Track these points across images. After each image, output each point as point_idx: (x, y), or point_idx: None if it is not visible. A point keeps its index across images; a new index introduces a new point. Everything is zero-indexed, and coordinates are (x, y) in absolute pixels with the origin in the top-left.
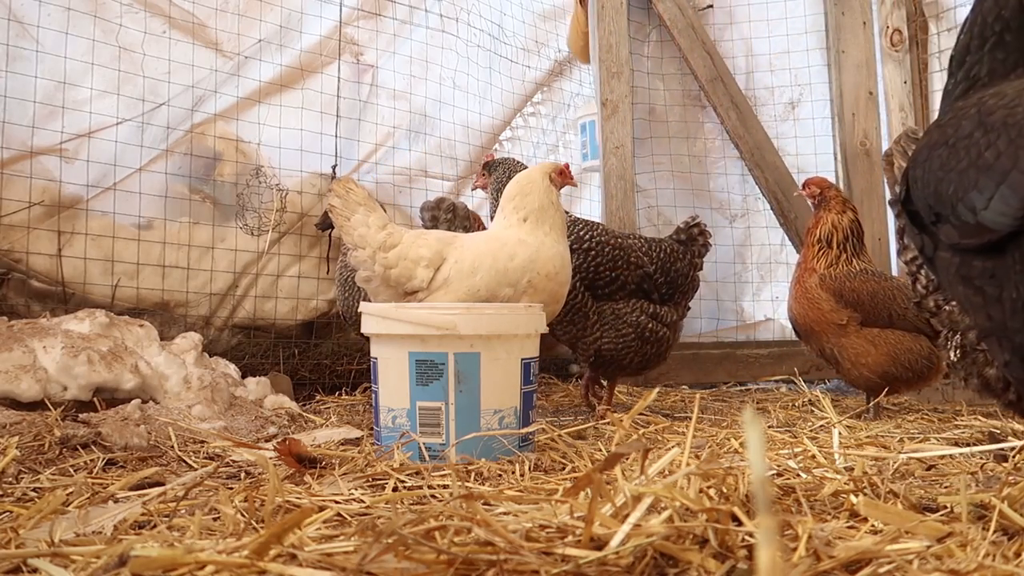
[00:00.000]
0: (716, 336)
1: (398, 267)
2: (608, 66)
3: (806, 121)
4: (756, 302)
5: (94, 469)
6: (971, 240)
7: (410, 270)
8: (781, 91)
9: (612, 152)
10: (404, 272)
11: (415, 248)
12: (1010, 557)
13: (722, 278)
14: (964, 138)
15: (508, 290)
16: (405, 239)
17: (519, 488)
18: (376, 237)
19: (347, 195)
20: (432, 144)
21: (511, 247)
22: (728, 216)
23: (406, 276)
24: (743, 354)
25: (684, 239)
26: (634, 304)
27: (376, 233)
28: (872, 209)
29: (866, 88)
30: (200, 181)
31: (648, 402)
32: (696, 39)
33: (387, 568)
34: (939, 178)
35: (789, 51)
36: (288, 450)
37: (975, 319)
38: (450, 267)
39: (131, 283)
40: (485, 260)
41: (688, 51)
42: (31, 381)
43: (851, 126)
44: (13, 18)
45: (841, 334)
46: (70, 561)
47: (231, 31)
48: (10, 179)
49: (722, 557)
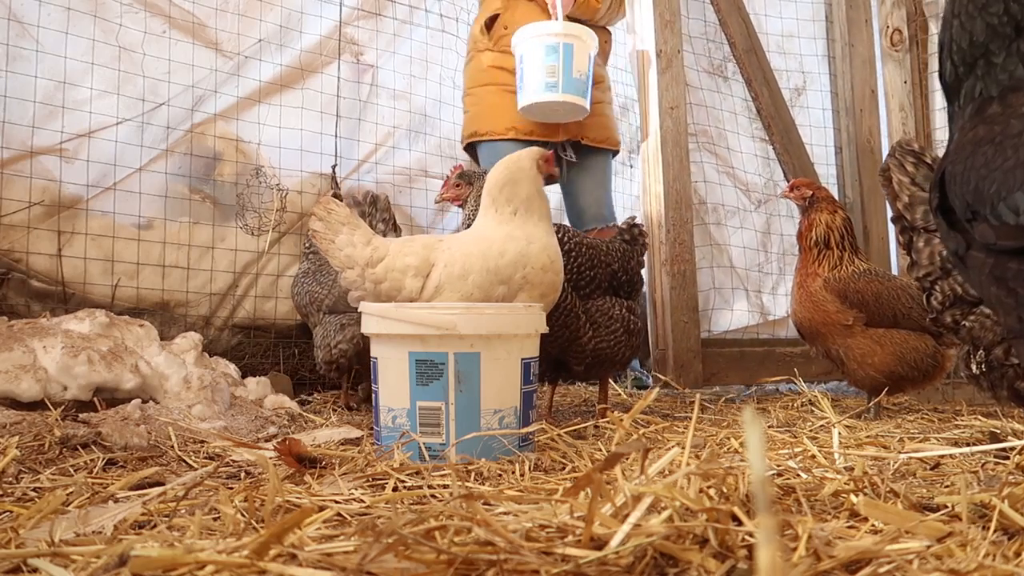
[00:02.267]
0: (747, 332)
1: (387, 280)
2: (661, 12)
3: (807, 110)
4: (774, 296)
5: (94, 469)
6: (1009, 242)
7: (399, 281)
8: (789, 75)
9: (667, 113)
10: (393, 285)
11: (401, 258)
12: (1010, 557)
13: (750, 266)
14: (1013, 136)
15: (502, 288)
16: (391, 250)
17: (519, 488)
18: (362, 254)
19: (328, 216)
20: (432, 144)
21: (500, 244)
22: (754, 200)
23: (396, 288)
24: (780, 352)
25: (628, 239)
26: (612, 300)
27: (362, 250)
28: (877, 207)
29: (869, 86)
30: (200, 181)
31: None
32: (734, 4)
33: (387, 568)
34: (982, 175)
35: (797, 35)
36: (288, 450)
37: (1006, 320)
38: (440, 272)
39: (131, 283)
40: (475, 261)
41: (727, 15)
42: (31, 381)
43: (860, 123)
44: (13, 18)
45: (847, 335)
46: (70, 561)
47: (231, 31)
48: (10, 179)
49: (722, 557)
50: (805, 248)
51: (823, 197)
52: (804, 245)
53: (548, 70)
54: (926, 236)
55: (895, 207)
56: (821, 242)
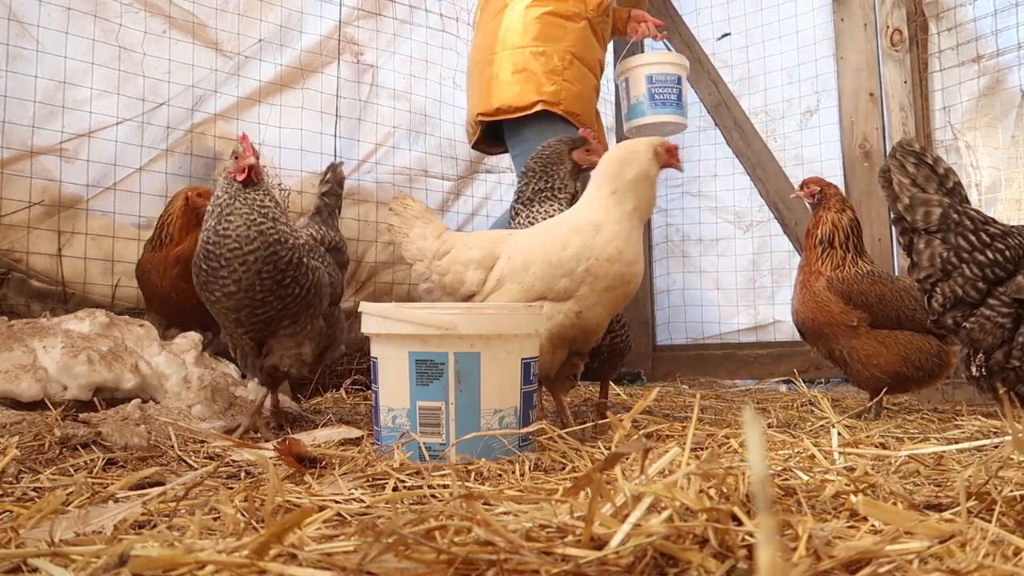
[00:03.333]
0: (743, 335)
1: (450, 273)
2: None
3: (818, 128)
4: (773, 304)
5: (94, 469)
6: None
7: (461, 274)
8: (799, 101)
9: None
10: (456, 277)
11: (464, 251)
12: (1010, 557)
13: (741, 282)
14: None
15: (564, 281)
16: (457, 243)
17: (519, 488)
18: (431, 247)
19: (404, 211)
20: (432, 144)
21: (564, 237)
22: (742, 226)
23: (459, 281)
24: (742, 354)
25: None
26: None
27: (431, 243)
28: (872, 211)
29: (867, 90)
30: (200, 181)
31: (648, 402)
32: (703, 71)
33: (387, 568)
34: None
35: (799, 63)
36: (288, 450)
37: None
38: (503, 265)
39: (131, 283)
40: (537, 254)
41: (695, 83)
42: (31, 381)
43: (850, 131)
44: (13, 18)
45: (852, 336)
46: (70, 561)
47: (231, 31)
48: (10, 179)
49: (722, 557)
50: (809, 246)
51: (831, 194)
52: (808, 243)
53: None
54: (927, 238)
55: (895, 209)
56: (826, 240)
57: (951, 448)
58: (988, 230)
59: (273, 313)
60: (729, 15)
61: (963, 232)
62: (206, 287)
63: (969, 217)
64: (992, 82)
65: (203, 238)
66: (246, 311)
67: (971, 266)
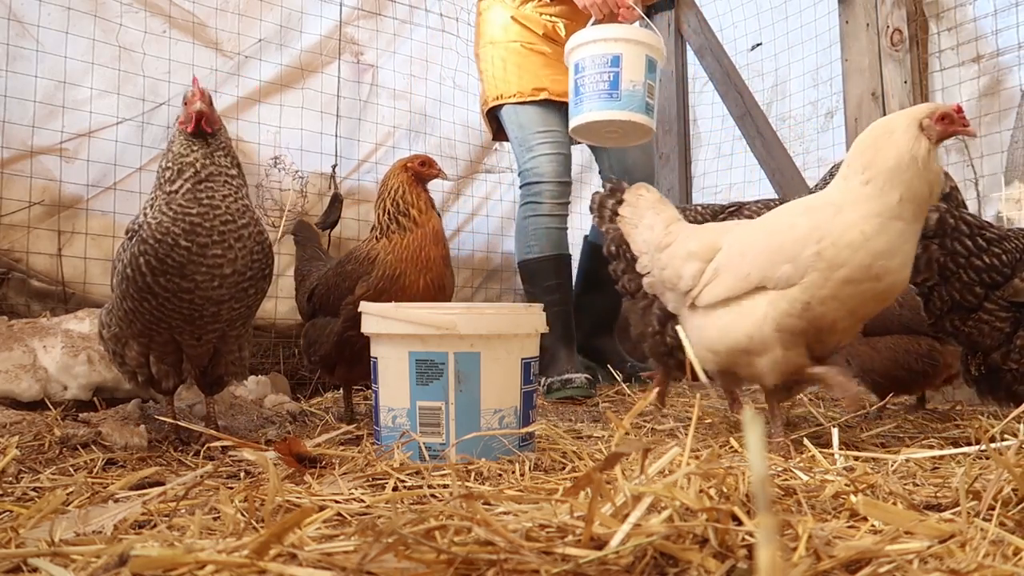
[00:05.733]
0: None
1: (668, 267)
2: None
3: (835, 130)
4: None
5: (94, 469)
6: None
7: (678, 268)
8: (821, 103)
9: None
10: (674, 272)
11: (684, 243)
12: (1010, 557)
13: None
14: None
15: (787, 268)
16: (681, 235)
17: (519, 488)
18: (655, 238)
19: (637, 201)
20: (432, 144)
21: (792, 216)
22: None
23: (676, 275)
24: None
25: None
26: None
27: (657, 234)
28: None
29: (868, 91)
30: None
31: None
32: (730, 83)
33: (387, 568)
34: None
35: (818, 66)
36: (288, 450)
37: None
38: (721, 257)
39: None
40: (756, 238)
41: (724, 95)
42: (31, 381)
43: (854, 132)
44: (13, 18)
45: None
46: (70, 561)
47: (231, 31)
48: (10, 179)
49: (722, 557)
50: None
51: None
52: None
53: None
54: (923, 243)
55: None
56: None
57: (955, 451)
58: (984, 234)
59: (250, 304)
60: (760, 25)
61: (960, 237)
62: (181, 271)
63: (966, 222)
64: (992, 82)
65: (174, 209)
66: (227, 304)
67: (968, 271)
